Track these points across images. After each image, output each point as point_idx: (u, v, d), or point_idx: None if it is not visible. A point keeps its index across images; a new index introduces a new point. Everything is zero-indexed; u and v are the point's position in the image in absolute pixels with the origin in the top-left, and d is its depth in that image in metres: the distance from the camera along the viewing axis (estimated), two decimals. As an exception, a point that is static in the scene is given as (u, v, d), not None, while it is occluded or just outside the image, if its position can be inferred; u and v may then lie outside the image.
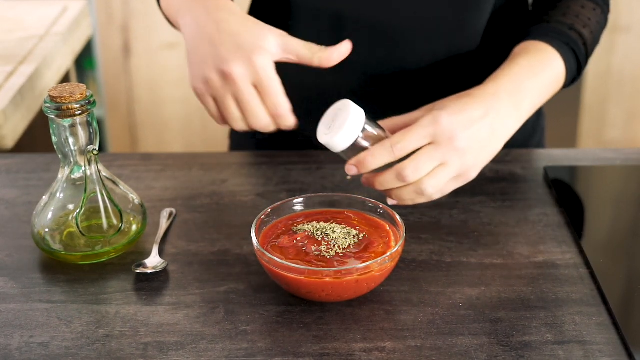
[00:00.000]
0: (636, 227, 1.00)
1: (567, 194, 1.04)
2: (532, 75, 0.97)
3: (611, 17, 1.12)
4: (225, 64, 0.86)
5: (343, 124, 0.86)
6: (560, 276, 0.88)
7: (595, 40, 1.08)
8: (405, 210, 0.99)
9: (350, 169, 0.88)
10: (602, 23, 1.09)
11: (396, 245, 0.84)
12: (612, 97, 2.51)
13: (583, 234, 0.95)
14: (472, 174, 0.91)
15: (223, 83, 0.87)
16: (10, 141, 1.31)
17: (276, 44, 0.88)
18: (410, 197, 0.89)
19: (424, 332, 0.80)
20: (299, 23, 1.10)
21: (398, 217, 0.87)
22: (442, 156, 0.88)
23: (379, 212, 0.90)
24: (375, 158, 0.87)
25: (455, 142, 0.88)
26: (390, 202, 0.91)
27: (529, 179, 1.07)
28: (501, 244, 0.94)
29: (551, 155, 1.14)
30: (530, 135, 1.21)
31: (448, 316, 0.82)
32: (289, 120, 0.89)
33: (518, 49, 1.02)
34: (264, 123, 0.89)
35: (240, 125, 0.90)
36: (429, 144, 0.88)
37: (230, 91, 0.87)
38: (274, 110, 0.88)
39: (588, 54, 1.05)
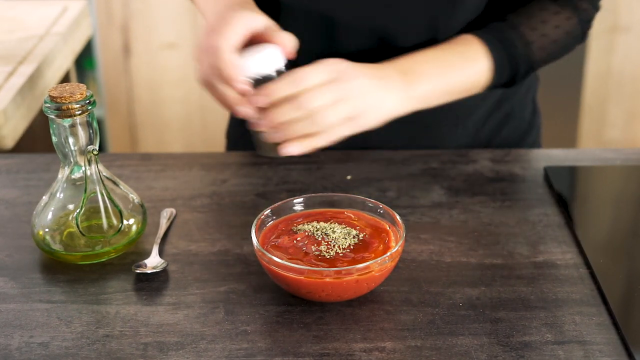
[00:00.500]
0: (636, 227, 1.00)
1: (567, 194, 1.04)
2: (439, 63, 0.97)
3: (611, 17, 1.11)
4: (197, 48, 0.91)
5: (262, 53, 0.89)
6: (560, 276, 0.88)
7: (557, 45, 1.05)
8: (405, 210, 0.99)
9: (258, 100, 0.87)
10: (569, 28, 1.06)
11: (396, 245, 0.84)
12: (612, 97, 2.51)
13: (583, 234, 0.95)
14: (366, 121, 0.91)
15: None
16: (10, 141, 1.31)
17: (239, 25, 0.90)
18: (302, 129, 0.88)
19: (424, 332, 0.80)
20: (290, 23, 1.10)
21: (398, 217, 0.87)
22: (342, 92, 0.88)
23: (379, 212, 0.90)
24: (278, 86, 0.87)
25: (357, 80, 0.89)
26: (284, 149, 0.89)
27: (529, 179, 1.07)
28: (501, 244, 0.94)
29: (551, 155, 1.14)
30: (525, 132, 1.21)
31: (448, 316, 0.82)
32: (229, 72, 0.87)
33: (448, 41, 1.02)
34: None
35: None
36: (331, 81, 0.88)
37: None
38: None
39: (533, 56, 1.03)
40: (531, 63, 1.05)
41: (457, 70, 0.99)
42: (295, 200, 0.91)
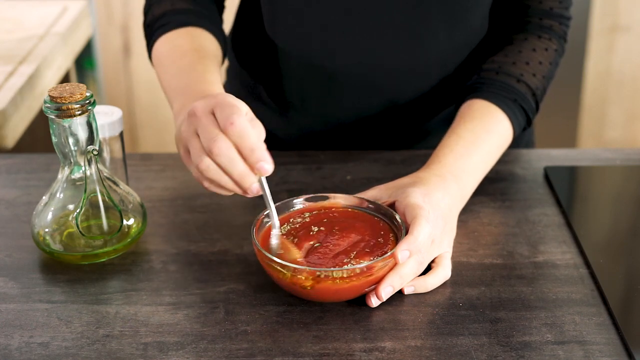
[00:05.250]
0: (636, 227, 1.00)
1: (567, 194, 1.04)
2: (475, 149, 0.96)
3: (611, 17, 1.11)
4: (190, 107, 0.83)
5: None
6: (560, 276, 0.88)
7: (550, 78, 1.07)
8: (405, 210, 0.99)
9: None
10: (557, 58, 1.08)
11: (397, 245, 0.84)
12: (612, 97, 2.51)
13: (583, 234, 0.95)
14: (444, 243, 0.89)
15: (189, 123, 0.82)
16: (10, 141, 1.31)
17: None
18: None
19: (424, 332, 0.80)
20: (289, 70, 1.11)
21: (398, 217, 0.87)
22: (435, 230, 0.87)
23: (379, 212, 0.89)
24: (408, 247, 0.83)
25: (446, 219, 0.89)
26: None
27: (529, 179, 1.07)
28: (501, 244, 0.94)
29: (551, 155, 1.14)
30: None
31: (448, 316, 0.82)
32: (248, 140, 0.78)
33: (464, 109, 1.02)
34: (225, 151, 0.78)
35: (207, 165, 0.80)
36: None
37: (194, 127, 0.81)
38: (224, 123, 0.78)
39: (538, 102, 1.05)
40: (538, 106, 1.06)
41: (490, 147, 0.99)
42: (295, 200, 0.91)
